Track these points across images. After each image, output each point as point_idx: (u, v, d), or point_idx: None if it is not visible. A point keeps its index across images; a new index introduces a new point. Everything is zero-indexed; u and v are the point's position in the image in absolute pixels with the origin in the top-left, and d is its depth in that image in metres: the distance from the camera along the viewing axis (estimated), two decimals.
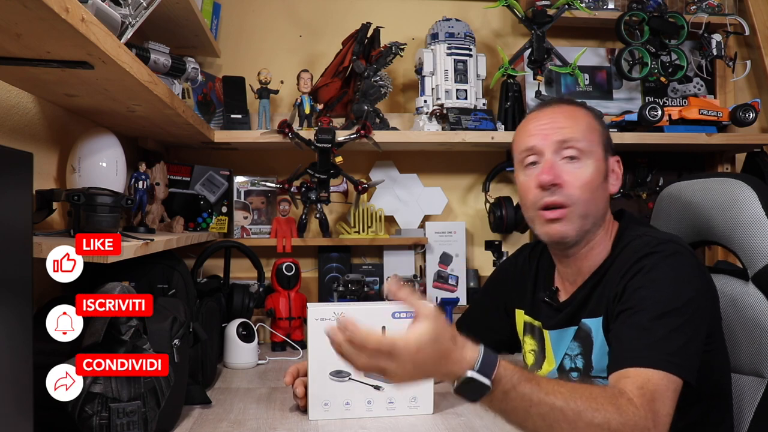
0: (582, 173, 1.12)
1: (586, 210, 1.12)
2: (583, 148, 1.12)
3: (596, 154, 1.14)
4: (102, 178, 1.28)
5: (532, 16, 1.99)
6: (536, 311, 1.25)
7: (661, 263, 1.03)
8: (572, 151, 1.12)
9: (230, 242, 1.90)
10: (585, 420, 0.87)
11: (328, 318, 1.20)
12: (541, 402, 0.87)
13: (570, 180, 1.11)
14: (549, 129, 1.14)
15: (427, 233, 2.09)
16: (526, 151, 1.16)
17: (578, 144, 1.12)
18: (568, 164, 1.12)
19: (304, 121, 1.91)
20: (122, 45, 0.98)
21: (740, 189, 1.20)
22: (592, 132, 1.15)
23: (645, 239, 1.09)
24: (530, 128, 1.17)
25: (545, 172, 1.11)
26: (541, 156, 1.14)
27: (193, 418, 1.22)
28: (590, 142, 1.13)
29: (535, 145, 1.15)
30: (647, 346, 0.96)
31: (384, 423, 1.20)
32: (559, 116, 1.16)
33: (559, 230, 1.12)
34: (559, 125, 1.14)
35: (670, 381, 0.93)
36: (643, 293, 1.01)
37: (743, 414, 1.16)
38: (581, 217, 1.11)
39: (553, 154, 1.13)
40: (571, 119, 1.15)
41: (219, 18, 2.03)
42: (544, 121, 1.16)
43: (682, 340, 0.96)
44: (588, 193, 1.11)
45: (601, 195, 1.14)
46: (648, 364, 0.94)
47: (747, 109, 1.99)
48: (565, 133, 1.13)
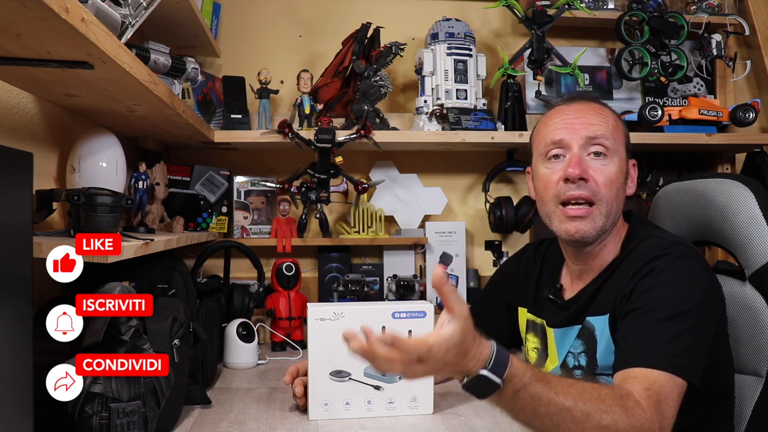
0: (608, 170, 1.11)
1: (609, 208, 1.11)
2: (609, 146, 1.12)
3: (620, 153, 1.14)
4: (102, 178, 1.28)
5: (532, 16, 1.99)
6: (539, 309, 1.25)
7: (672, 265, 1.03)
8: (600, 147, 1.12)
9: (230, 242, 1.90)
10: (593, 422, 0.86)
11: (328, 318, 1.20)
12: (550, 402, 0.86)
13: (596, 176, 1.11)
14: (578, 123, 1.13)
15: (427, 233, 2.09)
16: (551, 144, 1.15)
17: (606, 141, 1.12)
18: (594, 160, 1.12)
19: (304, 121, 1.91)
20: (122, 45, 0.98)
21: (738, 190, 1.21)
22: (618, 131, 1.15)
23: (655, 240, 1.09)
24: (557, 121, 1.16)
25: (573, 165, 1.10)
26: (568, 150, 1.13)
27: (193, 418, 1.22)
28: (616, 141, 1.13)
29: (563, 139, 1.13)
30: (654, 347, 0.96)
31: (384, 423, 1.20)
32: (589, 112, 1.15)
33: (581, 228, 1.11)
34: (589, 121, 1.13)
35: (675, 383, 0.93)
36: (653, 294, 1.01)
37: (742, 413, 1.17)
38: (604, 215, 1.11)
39: (581, 148, 1.12)
40: (600, 116, 1.15)
41: (219, 18, 2.03)
42: (573, 116, 1.15)
43: (688, 341, 0.96)
44: (612, 191, 1.11)
45: (622, 195, 1.14)
46: (654, 365, 0.94)
47: (747, 109, 1.99)
48: (594, 129, 1.12)
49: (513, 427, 1.18)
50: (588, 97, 1.23)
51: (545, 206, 1.16)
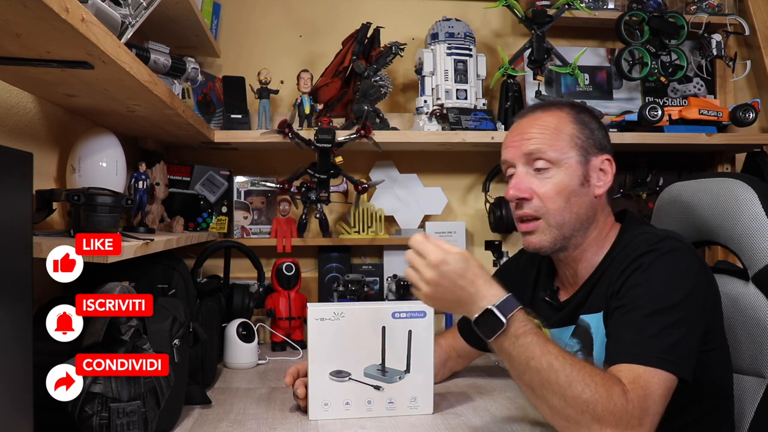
0: (551, 183, 1.13)
1: (560, 219, 1.13)
2: (551, 158, 1.13)
3: (569, 160, 1.14)
4: (102, 178, 1.28)
5: (532, 16, 1.99)
6: (536, 310, 1.26)
7: (658, 261, 1.03)
8: (541, 162, 1.14)
9: (230, 242, 1.90)
10: (574, 391, 0.90)
11: (328, 318, 1.20)
12: (541, 356, 0.92)
13: (539, 191, 1.13)
14: (518, 140, 1.17)
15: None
16: (504, 163, 1.20)
17: (545, 155, 1.13)
18: (537, 176, 1.14)
19: (304, 121, 1.91)
20: (122, 45, 0.98)
21: (740, 189, 1.20)
22: (560, 138, 1.14)
23: (645, 237, 1.09)
24: (507, 140, 1.21)
25: (512, 187, 1.16)
26: (514, 168, 1.17)
27: (193, 418, 1.22)
28: (559, 150, 1.14)
29: (506, 159, 1.19)
30: (639, 343, 0.96)
31: (384, 423, 1.20)
32: (529, 126, 1.17)
33: (533, 242, 1.16)
34: (527, 136, 1.16)
35: (662, 378, 0.93)
36: (638, 290, 1.02)
37: (744, 414, 1.16)
38: (555, 227, 1.14)
39: (524, 165, 1.16)
40: (540, 128, 1.16)
41: (219, 18, 2.03)
42: (516, 132, 1.19)
43: (676, 337, 0.96)
44: (560, 203, 1.13)
45: (581, 200, 1.14)
46: (640, 361, 0.94)
47: (747, 109, 1.99)
48: (531, 145, 1.15)
49: (513, 427, 1.18)
50: (537, 106, 1.23)
51: None
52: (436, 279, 0.98)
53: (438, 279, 0.98)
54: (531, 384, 0.94)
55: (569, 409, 0.90)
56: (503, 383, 1.47)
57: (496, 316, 0.94)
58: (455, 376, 1.50)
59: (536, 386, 0.93)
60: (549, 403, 0.92)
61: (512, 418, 1.22)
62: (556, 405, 0.91)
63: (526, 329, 0.94)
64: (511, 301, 0.96)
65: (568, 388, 0.90)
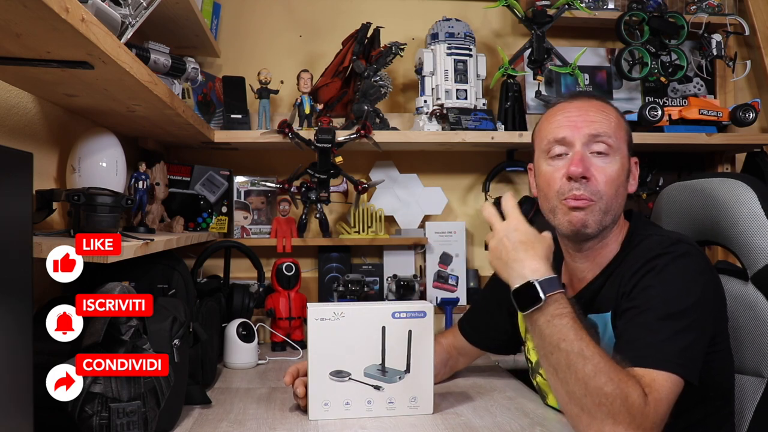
0: (609, 169, 1.12)
1: (609, 206, 1.12)
2: (612, 144, 1.12)
3: (622, 151, 1.14)
4: (102, 178, 1.28)
5: (532, 16, 1.99)
6: None
7: (672, 264, 1.03)
8: (602, 146, 1.12)
9: (230, 242, 1.90)
10: (598, 382, 0.90)
11: (328, 318, 1.20)
12: (574, 341, 0.93)
13: (598, 175, 1.11)
14: (581, 121, 1.13)
15: (427, 233, 2.09)
16: (554, 141, 1.15)
17: (608, 140, 1.12)
18: (596, 158, 1.12)
19: (304, 121, 1.91)
20: (122, 45, 0.98)
21: (740, 189, 1.21)
22: (620, 129, 1.15)
23: (656, 239, 1.09)
24: (560, 119, 1.16)
25: (575, 163, 1.10)
26: (571, 147, 1.13)
27: (193, 418, 1.22)
28: (618, 139, 1.13)
29: (566, 136, 1.13)
30: (653, 346, 0.96)
31: (384, 423, 1.20)
32: (591, 109, 1.15)
33: (582, 218, 1.11)
34: (591, 119, 1.13)
35: (673, 382, 0.94)
36: (651, 293, 1.02)
37: (743, 414, 1.17)
38: (603, 212, 1.12)
39: (583, 146, 1.12)
40: (603, 113, 1.15)
41: (219, 18, 2.03)
42: (576, 113, 1.15)
43: (687, 340, 0.97)
44: (613, 190, 1.12)
45: (623, 193, 1.15)
46: (653, 365, 0.94)
47: (747, 109, 1.99)
48: (597, 127, 1.12)
49: (513, 427, 1.18)
50: (591, 95, 1.22)
51: (549, 202, 1.17)
52: (502, 237, 1.04)
53: (504, 237, 1.04)
54: (557, 365, 0.94)
55: (587, 398, 0.90)
56: (503, 383, 1.47)
57: (536, 290, 0.97)
58: (456, 376, 1.50)
59: (561, 368, 0.93)
60: (569, 388, 0.93)
61: (512, 418, 1.22)
62: (575, 391, 0.92)
63: (564, 311, 0.96)
64: (554, 281, 0.98)
65: (593, 377, 0.90)
